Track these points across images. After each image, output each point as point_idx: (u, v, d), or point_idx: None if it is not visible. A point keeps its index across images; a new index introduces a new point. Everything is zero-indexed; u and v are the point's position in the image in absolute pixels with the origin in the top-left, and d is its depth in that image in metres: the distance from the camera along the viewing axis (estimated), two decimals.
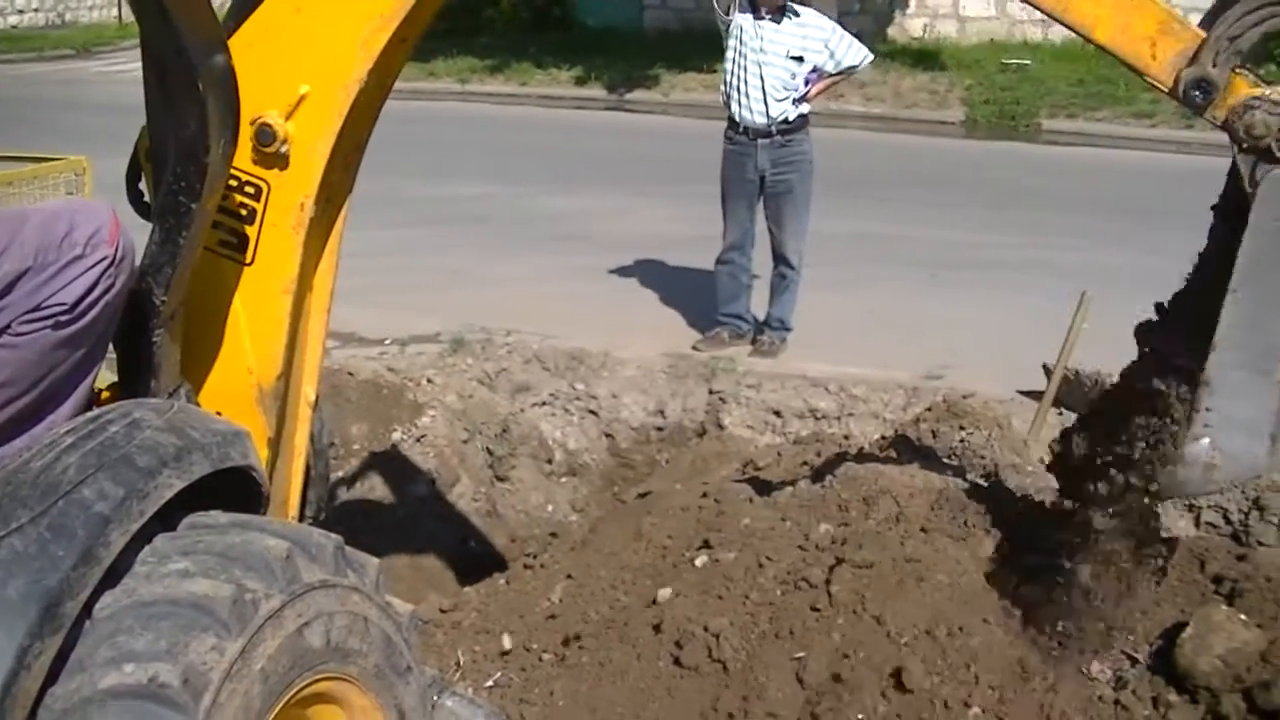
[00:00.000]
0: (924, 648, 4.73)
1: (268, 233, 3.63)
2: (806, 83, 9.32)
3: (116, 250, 3.09)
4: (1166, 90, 3.90)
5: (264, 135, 3.52)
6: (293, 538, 3.11)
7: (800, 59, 9.22)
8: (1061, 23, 3.97)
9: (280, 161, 3.57)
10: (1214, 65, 3.75)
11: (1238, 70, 3.82)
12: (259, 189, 3.59)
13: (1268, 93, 3.83)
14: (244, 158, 3.53)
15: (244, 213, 3.61)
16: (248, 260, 3.65)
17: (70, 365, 3.08)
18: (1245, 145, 3.82)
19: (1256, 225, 3.84)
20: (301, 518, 4.16)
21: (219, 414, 3.52)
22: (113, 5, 36.42)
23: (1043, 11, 3.98)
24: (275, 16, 3.56)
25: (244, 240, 3.63)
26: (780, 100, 9.22)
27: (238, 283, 3.66)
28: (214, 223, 3.53)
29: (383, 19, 3.54)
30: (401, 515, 7.44)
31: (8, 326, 2.92)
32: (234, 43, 3.44)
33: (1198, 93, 3.80)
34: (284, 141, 3.54)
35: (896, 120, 21.26)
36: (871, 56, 9.86)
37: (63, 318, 2.98)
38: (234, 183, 3.55)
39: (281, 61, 3.55)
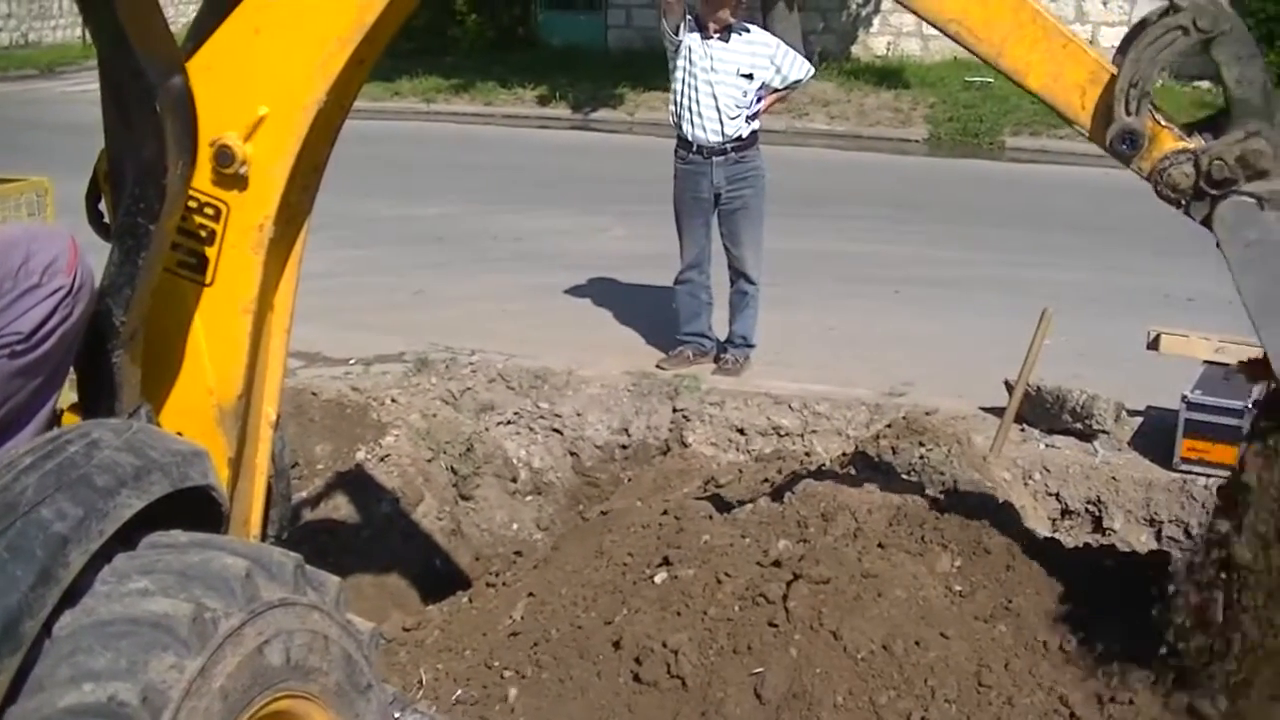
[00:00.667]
0: (881, 662, 4.76)
1: (227, 254, 3.65)
2: (758, 99, 9.38)
3: (74, 279, 3.10)
4: (1092, 139, 3.99)
5: (223, 157, 3.54)
6: (252, 556, 3.12)
7: (750, 76, 9.26)
8: (996, 68, 4.03)
9: (239, 183, 3.59)
10: (1129, 114, 3.86)
11: (1162, 122, 3.93)
12: (218, 210, 3.61)
13: (1183, 145, 3.93)
14: (203, 179, 3.56)
15: (203, 234, 3.63)
16: (207, 281, 3.66)
17: (28, 393, 3.09)
18: (1181, 203, 3.95)
19: (1235, 260, 3.91)
20: (264, 537, 4.16)
21: (180, 434, 3.53)
22: (77, 25, 36.23)
23: (978, 56, 4.03)
24: (234, 38, 3.58)
25: (203, 261, 3.65)
26: (734, 118, 9.26)
27: (197, 303, 3.68)
28: (173, 244, 3.55)
29: (340, 41, 3.58)
30: (366, 534, 7.43)
31: None
32: (193, 64, 3.49)
33: (1125, 145, 3.92)
34: (243, 163, 3.57)
35: (860, 138, 21.36)
36: (813, 70, 10.05)
37: (18, 346, 2.99)
38: (193, 204, 3.57)
39: (240, 83, 3.57)
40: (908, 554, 5.38)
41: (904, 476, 6.34)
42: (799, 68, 9.56)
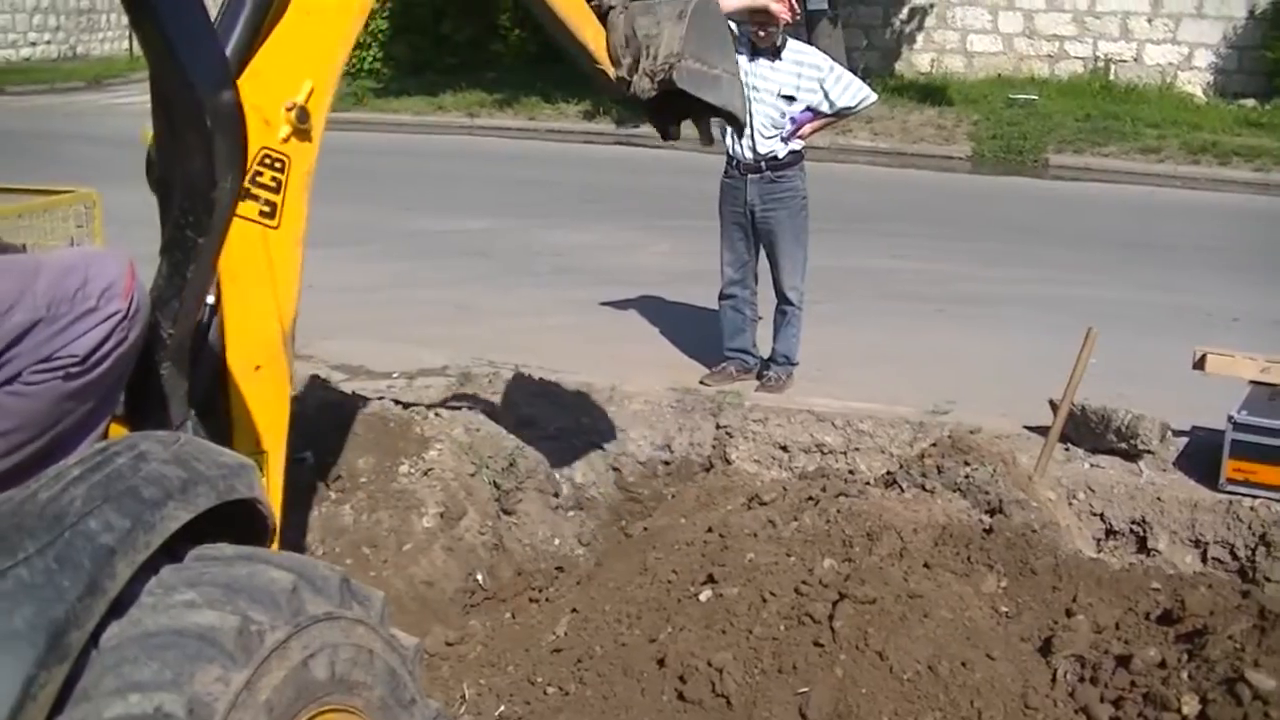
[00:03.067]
0: (926, 683, 4.73)
1: (289, 198, 4.07)
2: (794, 121, 9.27)
3: (131, 304, 3.10)
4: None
5: (303, 115, 4.04)
6: (298, 570, 3.11)
7: (792, 98, 9.16)
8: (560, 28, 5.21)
9: (307, 135, 4.10)
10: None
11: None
12: (284, 163, 4.04)
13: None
14: (274, 139, 3.99)
15: (274, 184, 4.03)
16: (276, 224, 4.07)
17: (81, 415, 3.09)
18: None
19: (708, 87, 5.52)
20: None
21: (259, 366, 4.01)
22: (124, 37, 36.59)
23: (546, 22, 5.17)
24: (293, 21, 4.08)
25: (274, 208, 4.05)
26: (768, 138, 9.18)
27: (268, 245, 4.04)
28: (253, 196, 3.95)
29: (360, 11, 4.35)
30: (408, 548, 7.42)
31: (18, 375, 2.91)
32: (265, 48, 3.95)
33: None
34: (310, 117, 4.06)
35: (904, 155, 21.32)
36: (874, 98, 9.72)
37: (74, 369, 2.99)
38: (268, 161, 3.99)
39: (300, 55, 4.12)
40: (953, 574, 5.36)
41: (949, 495, 6.31)
42: (851, 94, 9.35)
